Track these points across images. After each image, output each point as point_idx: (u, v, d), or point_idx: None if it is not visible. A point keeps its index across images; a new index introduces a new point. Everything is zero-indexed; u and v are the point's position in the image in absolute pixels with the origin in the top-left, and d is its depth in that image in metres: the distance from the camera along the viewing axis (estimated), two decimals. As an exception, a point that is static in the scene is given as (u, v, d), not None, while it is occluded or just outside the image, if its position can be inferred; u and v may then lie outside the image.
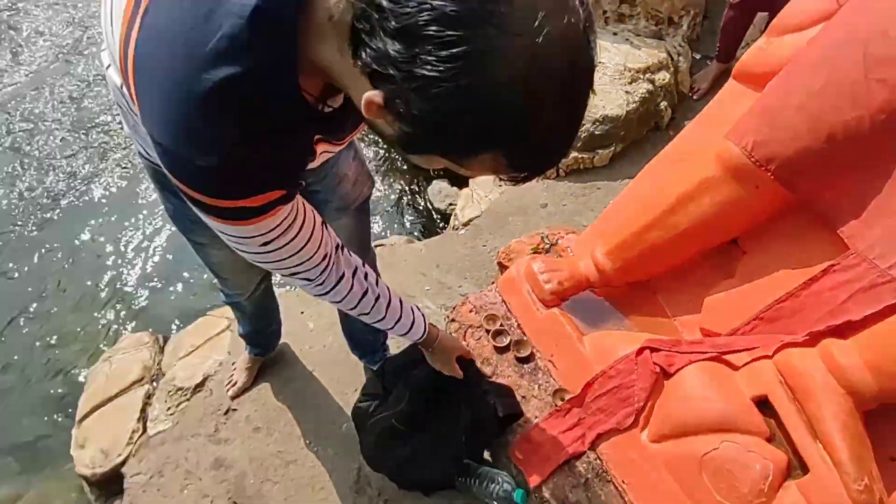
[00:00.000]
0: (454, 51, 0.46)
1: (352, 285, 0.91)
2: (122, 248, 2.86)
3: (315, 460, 1.65)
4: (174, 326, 2.51)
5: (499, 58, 0.47)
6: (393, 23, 0.47)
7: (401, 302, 1.02)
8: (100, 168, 3.26)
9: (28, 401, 2.35)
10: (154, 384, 1.98)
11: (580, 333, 1.32)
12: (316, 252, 0.82)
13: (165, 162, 0.63)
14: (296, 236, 0.76)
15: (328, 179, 1.16)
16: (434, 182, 2.98)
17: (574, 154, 2.27)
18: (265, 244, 0.73)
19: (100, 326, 2.57)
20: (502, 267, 1.75)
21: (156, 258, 2.82)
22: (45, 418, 2.30)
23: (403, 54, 0.48)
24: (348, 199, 1.24)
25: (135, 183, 3.16)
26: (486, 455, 1.43)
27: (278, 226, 0.72)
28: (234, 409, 1.80)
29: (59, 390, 2.38)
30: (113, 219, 3.01)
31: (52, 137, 3.43)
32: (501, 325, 1.45)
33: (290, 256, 0.78)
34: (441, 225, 2.78)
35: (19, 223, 3.01)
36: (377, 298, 0.96)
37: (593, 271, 1.36)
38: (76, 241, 2.91)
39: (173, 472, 1.70)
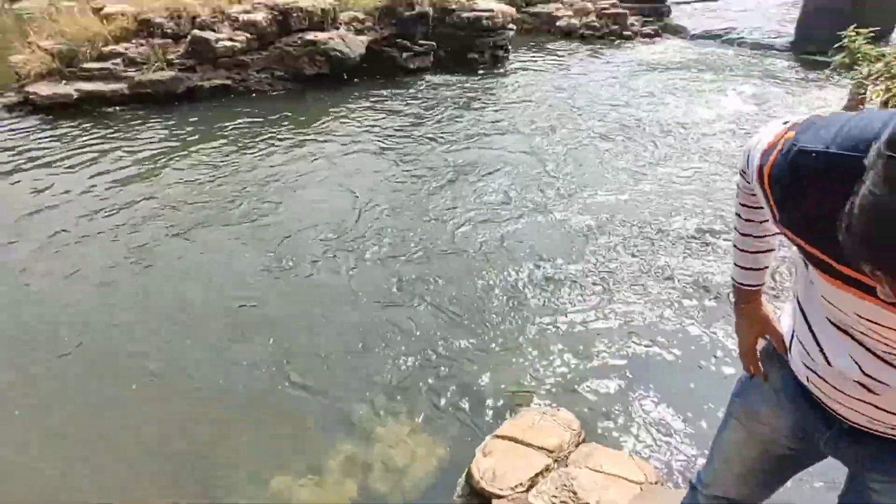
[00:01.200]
0: None
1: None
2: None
3: None
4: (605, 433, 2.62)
5: None
6: None
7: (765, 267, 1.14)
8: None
9: (467, 399, 2.92)
10: (556, 464, 2.13)
11: None
12: None
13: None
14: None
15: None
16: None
17: None
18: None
19: (553, 383, 2.95)
20: None
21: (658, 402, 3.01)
22: (478, 419, 2.83)
23: None
24: None
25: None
26: None
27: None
28: (596, 555, 1.74)
29: (496, 403, 2.86)
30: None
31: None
32: None
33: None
34: None
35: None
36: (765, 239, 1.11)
37: None
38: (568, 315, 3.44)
39: (518, 544, 1.79)
